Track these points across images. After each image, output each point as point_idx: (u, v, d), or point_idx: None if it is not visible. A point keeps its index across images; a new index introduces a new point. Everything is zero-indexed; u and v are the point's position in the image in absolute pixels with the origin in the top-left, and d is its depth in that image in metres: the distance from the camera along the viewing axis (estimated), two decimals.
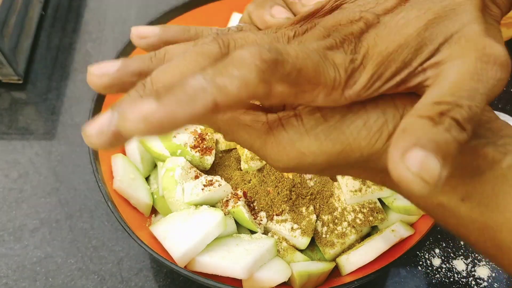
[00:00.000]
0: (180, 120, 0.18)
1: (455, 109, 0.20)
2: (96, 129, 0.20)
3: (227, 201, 0.46)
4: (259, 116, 0.26)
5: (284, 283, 0.43)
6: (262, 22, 0.30)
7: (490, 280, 0.51)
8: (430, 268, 0.52)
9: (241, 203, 0.45)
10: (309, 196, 0.47)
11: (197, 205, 0.44)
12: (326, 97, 0.23)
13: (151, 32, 0.28)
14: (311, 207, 0.47)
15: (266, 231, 0.47)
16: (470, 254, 0.52)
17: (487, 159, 0.23)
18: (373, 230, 0.49)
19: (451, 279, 0.51)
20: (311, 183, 0.48)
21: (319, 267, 0.44)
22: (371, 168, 0.26)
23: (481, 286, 0.51)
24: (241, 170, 0.48)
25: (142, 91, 0.20)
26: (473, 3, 0.24)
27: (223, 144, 0.49)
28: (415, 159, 0.18)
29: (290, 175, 0.47)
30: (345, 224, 0.46)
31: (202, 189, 0.44)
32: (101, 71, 0.23)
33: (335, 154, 0.25)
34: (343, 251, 0.46)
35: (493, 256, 0.24)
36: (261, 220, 0.46)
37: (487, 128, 0.25)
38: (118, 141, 0.20)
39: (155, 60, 0.25)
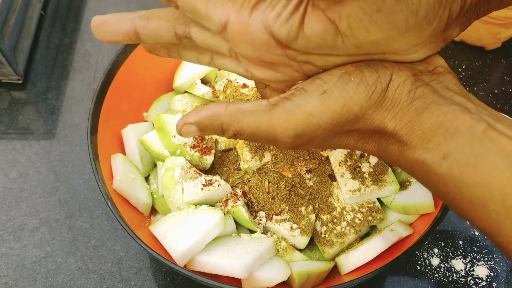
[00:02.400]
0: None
1: None
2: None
3: (226, 200, 0.46)
4: (260, 101, 0.30)
5: (283, 283, 0.43)
6: None
7: (488, 280, 0.51)
8: (428, 268, 0.52)
9: (240, 202, 0.45)
10: (308, 196, 0.47)
11: (197, 204, 0.45)
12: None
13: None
14: (310, 207, 0.47)
15: (265, 231, 0.47)
16: (468, 254, 0.53)
17: (465, 123, 0.26)
18: (372, 230, 0.49)
19: (450, 279, 0.51)
20: (310, 183, 0.48)
21: (318, 266, 0.44)
22: (367, 129, 0.29)
23: (479, 285, 0.51)
24: (240, 170, 0.48)
25: None
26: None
27: (223, 144, 0.50)
28: None
29: (290, 174, 0.47)
30: (344, 223, 0.46)
31: (202, 188, 0.44)
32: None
33: (339, 110, 0.28)
34: (342, 251, 0.47)
35: (466, 211, 0.26)
36: (261, 219, 0.46)
37: (463, 95, 0.28)
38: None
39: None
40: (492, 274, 0.51)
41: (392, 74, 0.28)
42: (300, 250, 0.46)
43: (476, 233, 0.54)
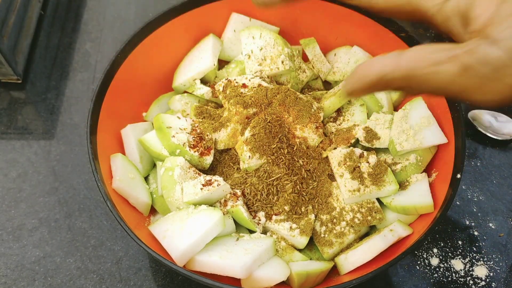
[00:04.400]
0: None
1: None
2: None
3: (226, 200, 0.46)
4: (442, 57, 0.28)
5: (282, 282, 0.43)
6: None
7: (488, 280, 0.51)
8: (428, 268, 0.52)
9: (240, 202, 0.45)
10: (308, 196, 0.47)
11: (196, 204, 0.45)
12: None
13: None
14: (310, 207, 0.47)
15: (265, 231, 0.47)
16: (468, 254, 0.53)
17: None
18: (371, 230, 0.49)
19: (449, 279, 0.51)
20: (310, 182, 0.48)
21: (317, 266, 0.44)
22: None
23: (478, 285, 0.51)
24: (240, 169, 0.48)
25: None
26: None
27: (222, 144, 0.50)
28: None
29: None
30: (343, 223, 0.46)
31: (201, 188, 0.44)
32: None
33: None
34: (341, 251, 0.47)
35: None
36: (260, 219, 0.46)
37: None
38: None
39: None
40: (491, 274, 0.51)
41: None
42: (300, 250, 0.46)
43: (476, 233, 0.54)
